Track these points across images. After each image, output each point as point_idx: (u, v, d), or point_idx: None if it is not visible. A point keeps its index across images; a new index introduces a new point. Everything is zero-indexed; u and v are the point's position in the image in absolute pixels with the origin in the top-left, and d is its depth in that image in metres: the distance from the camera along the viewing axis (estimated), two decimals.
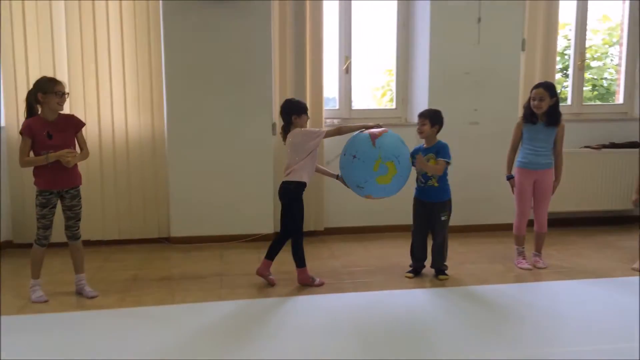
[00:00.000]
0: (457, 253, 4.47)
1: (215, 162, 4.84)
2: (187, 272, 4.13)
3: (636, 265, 4.10)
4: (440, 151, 3.86)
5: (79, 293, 3.63)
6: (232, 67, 4.76)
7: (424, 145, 3.91)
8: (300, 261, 3.80)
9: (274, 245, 3.87)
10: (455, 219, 4.17)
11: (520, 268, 4.18)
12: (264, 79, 4.80)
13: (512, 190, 4.20)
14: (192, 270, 4.19)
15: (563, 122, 4.09)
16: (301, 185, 3.70)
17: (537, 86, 4.06)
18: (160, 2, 4.64)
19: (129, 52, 4.70)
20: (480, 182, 5.17)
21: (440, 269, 3.98)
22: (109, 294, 3.65)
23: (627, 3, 5.53)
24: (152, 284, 3.87)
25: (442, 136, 4.14)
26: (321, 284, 3.79)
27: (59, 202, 3.51)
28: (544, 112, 3.99)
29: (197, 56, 4.72)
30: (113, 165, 4.76)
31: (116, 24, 4.65)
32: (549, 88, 3.99)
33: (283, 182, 3.75)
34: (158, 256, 4.57)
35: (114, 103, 4.72)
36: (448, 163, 3.84)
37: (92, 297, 3.57)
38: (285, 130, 3.79)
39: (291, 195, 3.71)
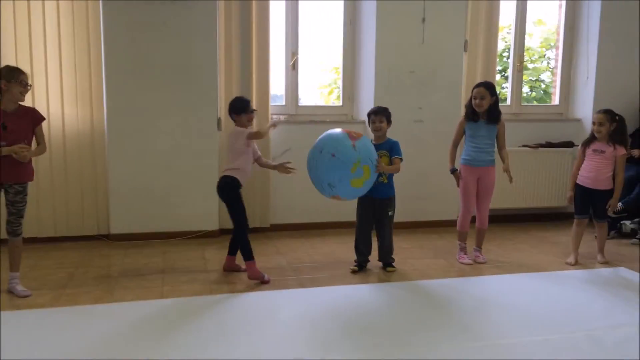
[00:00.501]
0: (402, 249, 4.53)
1: (157, 158, 4.72)
2: (127, 270, 4.01)
3: (570, 260, 4.28)
4: (394, 148, 3.94)
5: (10, 292, 3.46)
6: (176, 61, 4.65)
7: (373, 142, 3.93)
8: (246, 254, 3.76)
9: (232, 240, 3.95)
10: (399, 216, 4.24)
11: (462, 263, 4.28)
12: (209, 75, 4.71)
13: (457, 183, 4.29)
14: (133, 267, 4.07)
15: (503, 120, 4.23)
16: (235, 181, 3.72)
17: (478, 85, 4.19)
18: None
19: (66, 43, 4.53)
20: (424, 179, 5.27)
21: (388, 262, 4.06)
22: (42, 293, 3.49)
23: (563, 8, 5.76)
24: (90, 282, 3.73)
25: (389, 133, 4.20)
26: (268, 282, 3.75)
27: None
28: (484, 110, 4.11)
29: (139, 49, 4.59)
30: (49, 160, 4.56)
31: (52, 13, 4.46)
32: (489, 87, 4.13)
33: (220, 177, 3.81)
34: (96, 254, 4.41)
35: (50, 95, 4.52)
36: (401, 160, 3.91)
37: (24, 297, 3.41)
38: None
39: (227, 190, 3.74)
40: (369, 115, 4.06)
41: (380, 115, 3.97)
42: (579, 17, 5.71)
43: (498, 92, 5.92)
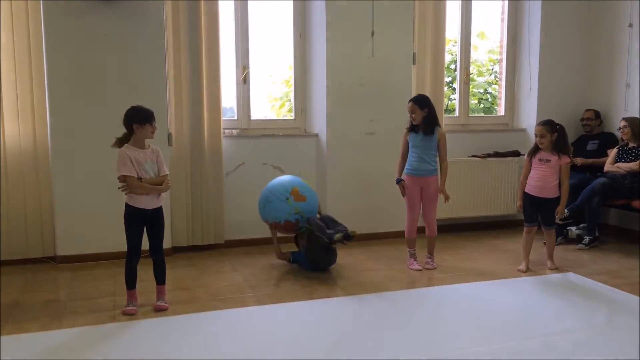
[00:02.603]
0: (358, 261, 4.54)
1: (104, 176, 4.53)
2: (76, 294, 3.84)
3: (521, 267, 4.39)
4: None
5: None
6: (122, 75, 4.52)
7: None
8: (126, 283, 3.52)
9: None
10: (351, 227, 4.26)
11: (412, 269, 4.38)
12: (157, 88, 4.60)
13: (402, 193, 4.37)
14: (82, 291, 3.90)
15: (443, 130, 4.38)
16: (126, 206, 3.44)
17: (409, 100, 4.36)
18: (41, 2, 4.31)
19: (6, 56, 4.31)
20: (377, 191, 5.30)
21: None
22: None
23: (505, 22, 5.96)
24: (36, 308, 3.54)
25: (342, 146, 4.22)
26: (132, 313, 3.45)
27: None
28: (419, 122, 4.26)
29: (83, 63, 4.43)
30: None
31: None
32: (417, 101, 4.31)
33: None
34: (43, 277, 4.21)
35: None
36: None
37: None
38: (123, 141, 3.43)
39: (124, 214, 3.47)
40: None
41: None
42: (520, 31, 5.93)
43: (446, 103, 6.08)
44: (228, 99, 5.24)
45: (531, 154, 4.40)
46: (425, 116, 4.25)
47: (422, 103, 4.29)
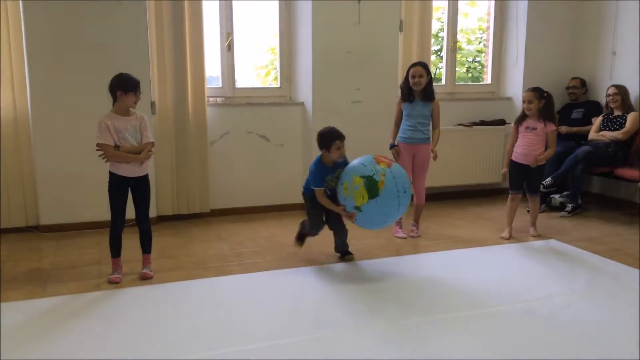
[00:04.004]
0: None
1: (87, 144, 4.43)
2: (59, 263, 3.83)
3: (504, 234, 4.44)
4: (346, 162, 3.74)
5: None
6: (103, 43, 4.43)
7: (326, 165, 3.68)
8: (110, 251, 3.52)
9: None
10: None
11: (397, 237, 4.42)
12: (140, 56, 4.51)
13: (395, 158, 4.35)
14: (66, 260, 3.88)
15: (438, 100, 4.34)
16: (110, 174, 3.42)
17: (414, 65, 4.29)
18: None
19: None
20: None
21: (346, 250, 3.94)
22: None
23: None
24: (20, 278, 3.53)
25: (328, 115, 4.18)
26: (117, 282, 3.44)
27: None
28: (422, 88, 4.20)
29: (63, 30, 4.33)
30: None
31: None
32: (425, 66, 4.28)
33: None
34: (26, 247, 4.18)
35: None
36: None
37: None
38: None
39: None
40: (332, 139, 3.59)
41: (344, 139, 3.66)
42: None
43: (434, 72, 6.05)
44: (213, 67, 5.16)
45: (518, 121, 4.41)
46: (427, 82, 4.23)
47: (428, 68, 4.29)
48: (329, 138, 3.59)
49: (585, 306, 3.08)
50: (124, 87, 3.32)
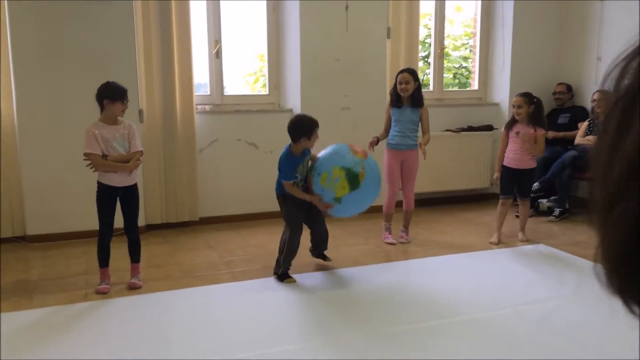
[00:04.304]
0: (333, 236, 4.52)
1: (74, 153, 4.42)
2: (46, 273, 3.78)
3: (493, 239, 4.46)
4: (309, 150, 3.71)
5: None
6: (90, 49, 4.40)
7: (296, 155, 3.61)
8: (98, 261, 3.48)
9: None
10: None
11: (386, 242, 4.42)
12: (127, 63, 4.49)
13: (370, 147, 4.21)
14: (53, 270, 3.84)
15: (426, 105, 4.37)
16: (98, 183, 3.38)
17: (402, 71, 4.33)
18: None
19: None
20: None
21: (324, 253, 3.93)
22: None
23: None
24: (7, 288, 3.48)
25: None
26: (105, 292, 3.39)
27: None
28: (409, 95, 4.22)
29: (50, 38, 4.30)
30: None
31: None
32: (412, 72, 4.30)
33: None
34: (13, 257, 4.13)
35: None
36: None
37: None
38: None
39: None
40: (314, 127, 3.57)
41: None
42: (494, 5, 5.93)
43: (421, 78, 6.07)
44: (201, 74, 5.15)
45: (508, 126, 4.44)
46: (415, 89, 4.25)
47: (415, 74, 4.31)
48: (310, 126, 3.53)
49: (575, 310, 3.10)
50: (111, 95, 3.30)
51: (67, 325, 2.95)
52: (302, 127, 3.53)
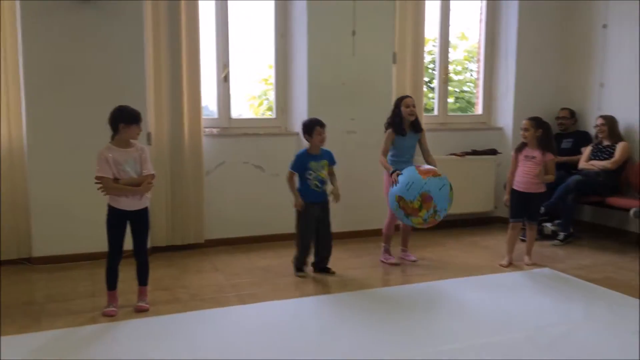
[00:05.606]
0: (340, 259, 4.54)
1: (82, 176, 4.42)
2: (53, 296, 3.77)
3: (504, 262, 4.46)
4: (332, 157, 4.22)
5: None
6: (101, 73, 4.45)
7: (311, 153, 4.15)
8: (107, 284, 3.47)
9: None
10: (333, 225, 4.27)
11: (389, 263, 4.48)
12: (137, 87, 4.54)
13: (396, 181, 4.25)
14: (59, 292, 3.82)
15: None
16: (108, 207, 3.39)
17: (406, 96, 4.43)
18: (17, 1, 4.22)
19: None
20: (358, 190, 5.31)
21: (327, 267, 4.22)
22: None
23: (484, 24, 6.04)
24: (14, 311, 3.46)
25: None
26: (112, 315, 3.39)
27: None
28: (414, 119, 4.35)
29: (61, 62, 4.35)
30: None
31: None
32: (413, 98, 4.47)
33: None
34: (19, 279, 4.12)
35: None
36: None
37: None
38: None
39: None
40: (313, 126, 4.12)
41: (324, 126, 4.15)
42: (498, 32, 6.02)
43: (425, 102, 6.15)
44: (208, 97, 5.21)
45: (518, 150, 4.49)
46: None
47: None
48: (311, 124, 4.13)
49: (584, 335, 3.08)
50: (127, 119, 3.33)
51: (75, 349, 2.94)
52: (305, 127, 4.17)
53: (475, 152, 5.86)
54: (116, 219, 3.38)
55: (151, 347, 2.95)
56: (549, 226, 5.34)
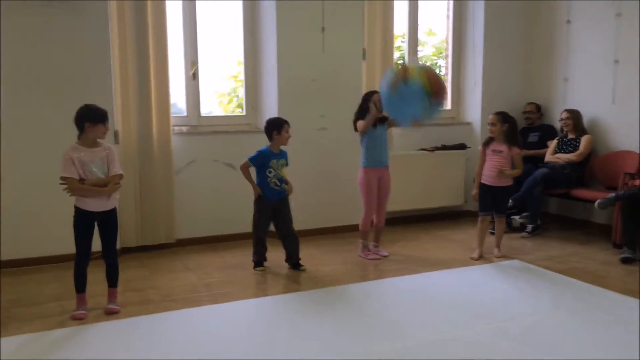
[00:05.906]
0: (311, 256, 4.55)
1: (48, 177, 4.33)
2: (20, 300, 3.67)
3: (474, 255, 4.53)
4: (287, 158, 4.27)
5: None
6: (66, 71, 4.35)
7: (273, 151, 4.21)
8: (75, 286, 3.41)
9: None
10: (305, 222, 4.28)
11: (369, 259, 4.51)
12: (103, 85, 4.45)
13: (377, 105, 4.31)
14: (26, 297, 3.73)
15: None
16: (75, 208, 3.33)
17: (376, 91, 4.35)
18: None
19: None
20: (328, 186, 5.33)
21: (298, 262, 4.24)
22: None
23: (451, 20, 6.11)
24: None
25: (293, 142, 4.25)
26: (82, 318, 3.32)
27: None
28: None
29: (25, 61, 4.24)
30: None
31: None
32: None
33: None
34: None
35: None
36: None
37: None
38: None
39: None
40: (282, 123, 4.20)
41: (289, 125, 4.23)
42: (465, 29, 6.09)
43: None
44: (176, 95, 5.13)
45: (485, 144, 4.55)
46: None
47: None
48: (280, 122, 4.23)
49: (553, 324, 3.15)
50: (93, 118, 3.26)
51: (45, 354, 2.87)
52: (273, 124, 4.22)
53: (444, 147, 5.92)
54: (83, 220, 3.32)
55: (122, 349, 2.91)
56: (517, 219, 5.44)
